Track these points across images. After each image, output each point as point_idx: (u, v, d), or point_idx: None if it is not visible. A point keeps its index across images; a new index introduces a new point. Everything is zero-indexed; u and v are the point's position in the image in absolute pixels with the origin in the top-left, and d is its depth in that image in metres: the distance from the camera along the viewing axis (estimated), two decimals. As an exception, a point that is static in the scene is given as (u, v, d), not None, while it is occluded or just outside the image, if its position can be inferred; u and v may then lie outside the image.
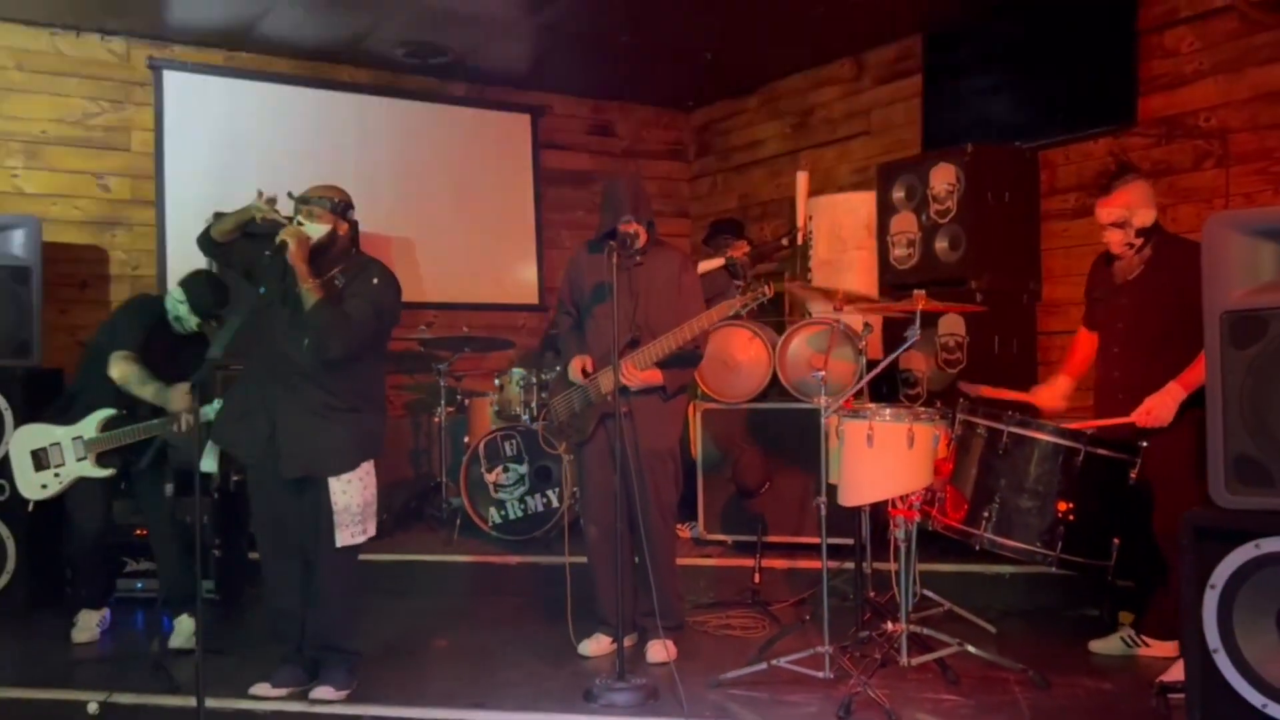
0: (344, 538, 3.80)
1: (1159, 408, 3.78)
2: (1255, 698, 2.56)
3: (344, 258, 3.95)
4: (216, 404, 4.45)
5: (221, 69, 6.82)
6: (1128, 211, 4.01)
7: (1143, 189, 4.07)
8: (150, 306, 4.82)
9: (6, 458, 4.79)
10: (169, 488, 4.49)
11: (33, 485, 4.65)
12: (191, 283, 4.72)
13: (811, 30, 6.61)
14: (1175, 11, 5.35)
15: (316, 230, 3.83)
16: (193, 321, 4.67)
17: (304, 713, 3.72)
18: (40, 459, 4.63)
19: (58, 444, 4.61)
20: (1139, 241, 4.03)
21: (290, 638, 3.93)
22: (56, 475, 4.63)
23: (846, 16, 6.32)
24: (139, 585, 5.31)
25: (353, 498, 3.82)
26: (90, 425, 4.61)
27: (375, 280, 3.91)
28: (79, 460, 4.60)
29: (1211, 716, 2.64)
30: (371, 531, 3.92)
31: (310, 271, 3.72)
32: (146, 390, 4.56)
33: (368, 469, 3.89)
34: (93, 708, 3.79)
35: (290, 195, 3.91)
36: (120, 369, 4.57)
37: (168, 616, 4.65)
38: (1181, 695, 2.94)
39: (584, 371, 4.26)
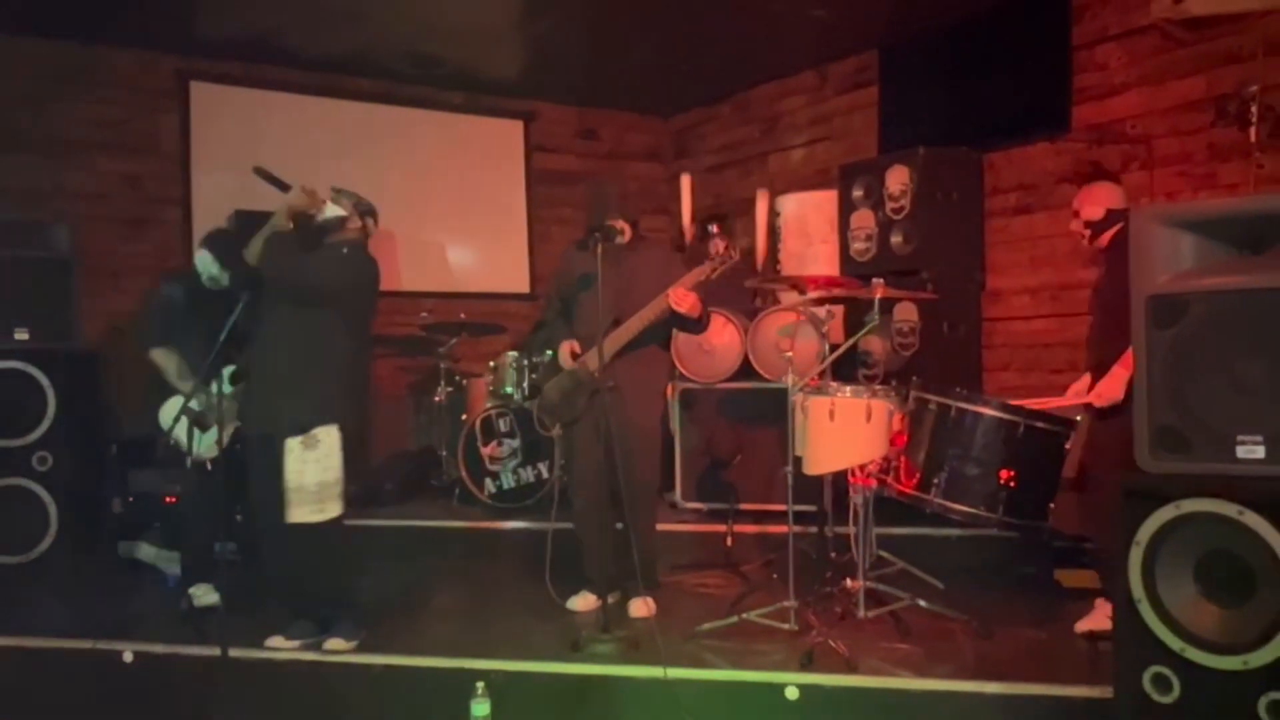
0: (294, 513, 3.67)
1: (1107, 390, 3.76)
2: (1174, 642, 2.58)
3: (343, 245, 3.93)
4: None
5: (241, 79, 6.77)
6: (1080, 204, 4.02)
7: (1099, 189, 4.05)
8: (165, 294, 4.71)
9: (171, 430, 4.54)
10: (189, 460, 4.46)
11: (208, 445, 4.49)
12: (214, 242, 4.66)
13: (779, 45, 6.60)
14: (1105, 29, 5.36)
15: (331, 210, 3.85)
16: (226, 277, 4.56)
17: (318, 661, 3.72)
18: (202, 422, 4.47)
19: (213, 406, 4.42)
20: (1087, 233, 4.02)
21: (298, 596, 3.92)
22: (220, 430, 4.51)
23: (810, 33, 6.31)
24: (169, 548, 5.30)
25: (308, 476, 3.68)
26: (225, 382, 4.45)
27: (344, 251, 3.90)
28: (231, 411, 4.44)
29: (1135, 660, 2.65)
30: (333, 511, 3.72)
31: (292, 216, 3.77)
32: (185, 386, 4.48)
33: (328, 443, 3.71)
34: (128, 657, 3.80)
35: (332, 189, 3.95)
36: (160, 361, 4.56)
37: (182, 581, 4.60)
38: (1109, 642, 2.97)
39: (572, 354, 4.25)
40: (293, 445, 3.70)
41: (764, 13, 5.92)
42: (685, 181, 6.19)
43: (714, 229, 6.11)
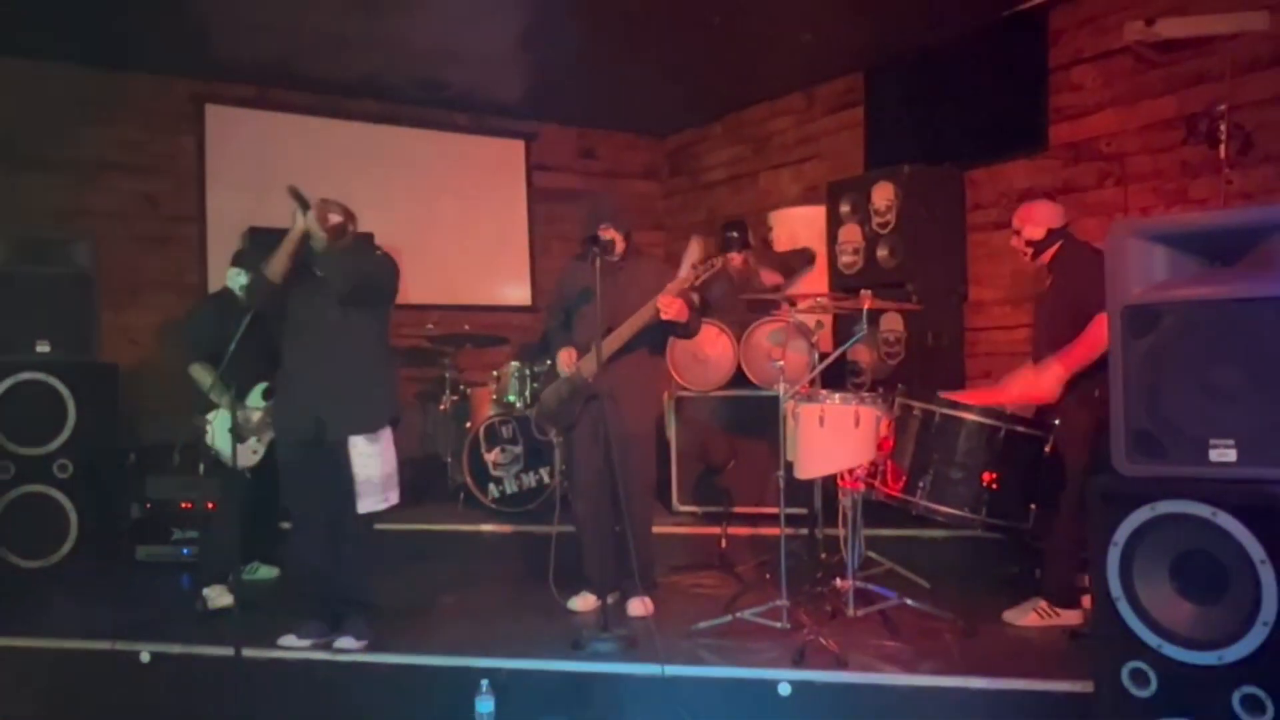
0: (365, 504, 3.77)
1: (1037, 385, 3.79)
2: (1151, 639, 2.57)
3: (356, 247, 3.93)
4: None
5: (255, 102, 6.78)
6: (1020, 224, 4.05)
7: (1039, 208, 4.06)
8: (203, 312, 4.76)
9: (213, 438, 4.63)
10: (248, 472, 4.47)
11: (245, 455, 4.54)
12: (242, 255, 4.76)
13: (768, 68, 6.62)
14: (1080, 51, 5.38)
15: (333, 218, 3.83)
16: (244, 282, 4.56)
17: (328, 660, 3.71)
18: (240, 433, 4.47)
19: (248, 419, 4.53)
20: (1029, 250, 4.04)
21: (316, 595, 3.91)
22: (258, 440, 4.57)
23: (798, 57, 6.33)
24: (185, 551, 5.29)
25: (373, 468, 3.77)
26: (256, 397, 4.58)
27: (378, 253, 4.00)
28: (264, 424, 4.50)
29: (1115, 655, 2.65)
30: (394, 499, 3.86)
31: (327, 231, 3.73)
32: (223, 398, 4.51)
33: (387, 438, 3.83)
34: (145, 657, 3.78)
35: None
36: (197, 375, 4.59)
37: (195, 582, 4.60)
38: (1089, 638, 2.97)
39: (569, 361, 4.24)
40: (357, 442, 3.76)
41: (754, 38, 5.95)
42: (695, 245, 6.10)
43: (734, 234, 6.02)
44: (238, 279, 4.67)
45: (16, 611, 4.22)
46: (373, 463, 3.78)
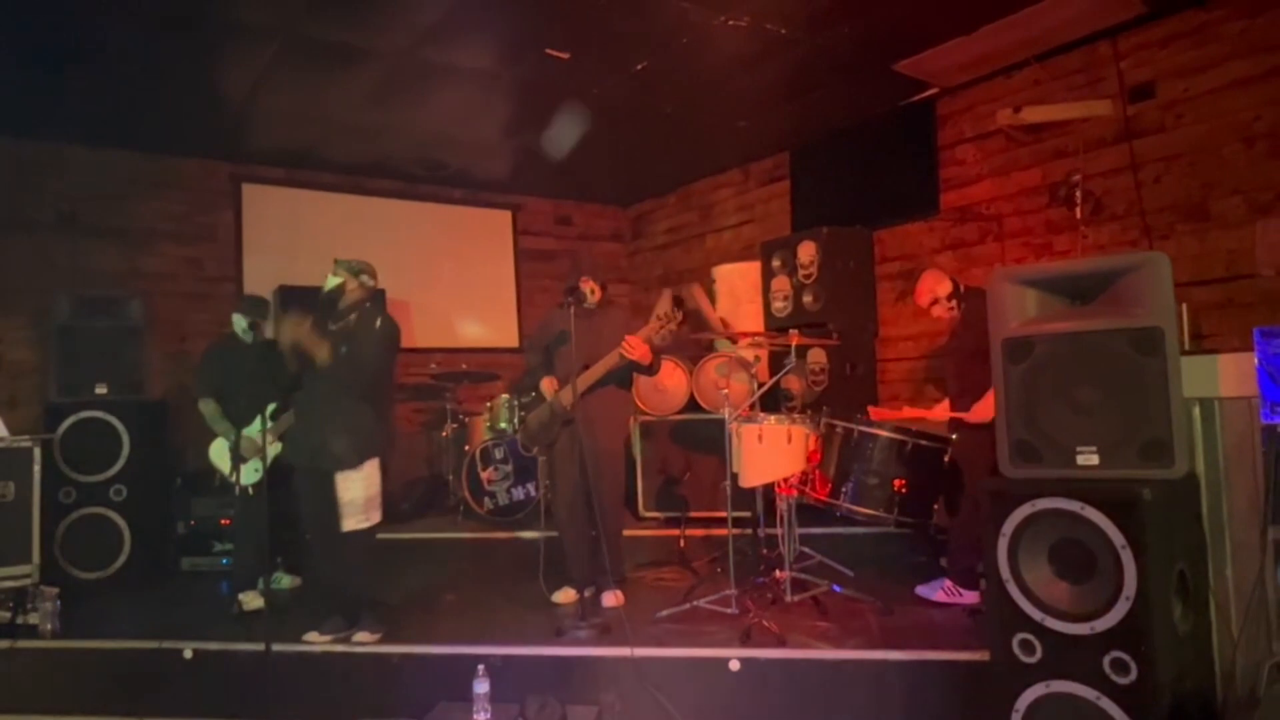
0: (348, 524, 3.66)
1: (983, 411, 3.75)
2: (1035, 613, 2.58)
3: (356, 306, 3.84)
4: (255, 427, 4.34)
5: (285, 181, 6.73)
6: (932, 294, 4.02)
7: (930, 275, 4.06)
8: (214, 353, 4.68)
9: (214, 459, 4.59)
10: (250, 489, 4.38)
11: (247, 474, 4.41)
12: (243, 303, 4.69)
13: (712, 149, 6.69)
14: (962, 133, 5.49)
15: (331, 281, 3.77)
16: (251, 335, 4.48)
17: (347, 652, 3.62)
18: (241, 456, 4.37)
19: (251, 441, 4.40)
20: (953, 304, 4.03)
21: (334, 597, 3.82)
22: (260, 459, 4.40)
23: (736, 140, 6.40)
24: (224, 561, 5.16)
25: (356, 493, 3.67)
26: (255, 425, 4.45)
27: (379, 323, 3.83)
28: (270, 445, 4.34)
29: (1006, 628, 2.65)
30: (375, 519, 3.73)
31: (316, 347, 3.67)
32: (220, 427, 4.44)
33: (370, 468, 3.71)
34: (188, 653, 3.67)
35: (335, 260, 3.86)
36: (205, 410, 4.50)
37: (231, 589, 4.50)
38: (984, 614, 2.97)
39: (552, 389, 4.21)
40: (343, 473, 3.67)
41: (701, 125, 6.01)
42: (665, 297, 6.12)
43: (680, 299, 6.09)
44: (240, 323, 4.60)
45: (77, 617, 4.09)
46: (356, 488, 3.68)
